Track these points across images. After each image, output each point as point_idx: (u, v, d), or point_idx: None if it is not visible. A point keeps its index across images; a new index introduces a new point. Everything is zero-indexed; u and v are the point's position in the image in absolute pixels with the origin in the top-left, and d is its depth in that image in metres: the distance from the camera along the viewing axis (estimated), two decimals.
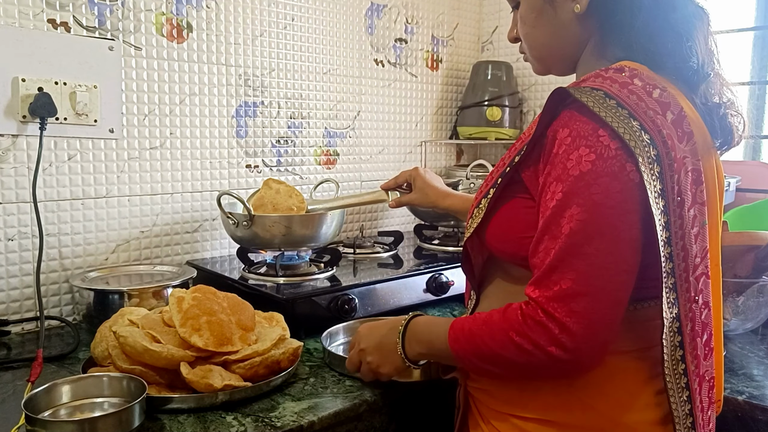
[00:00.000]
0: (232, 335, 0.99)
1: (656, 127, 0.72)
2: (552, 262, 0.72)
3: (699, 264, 0.77)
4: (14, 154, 1.26)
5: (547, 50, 0.90)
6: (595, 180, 0.70)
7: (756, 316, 1.27)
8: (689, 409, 0.78)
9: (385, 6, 1.89)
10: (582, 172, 0.71)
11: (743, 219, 1.52)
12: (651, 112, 0.73)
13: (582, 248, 0.70)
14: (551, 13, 0.86)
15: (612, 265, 0.71)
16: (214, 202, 1.47)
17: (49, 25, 1.27)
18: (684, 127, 0.76)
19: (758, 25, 1.82)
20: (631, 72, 0.77)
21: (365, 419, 1.01)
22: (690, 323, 0.76)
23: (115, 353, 0.96)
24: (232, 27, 1.56)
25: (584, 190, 0.70)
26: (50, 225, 1.31)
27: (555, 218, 0.72)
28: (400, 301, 1.38)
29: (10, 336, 1.25)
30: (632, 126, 0.71)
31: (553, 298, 0.71)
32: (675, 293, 0.74)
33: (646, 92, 0.75)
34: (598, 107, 0.72)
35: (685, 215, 0.74)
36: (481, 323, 0.79)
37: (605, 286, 0.71)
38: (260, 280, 1.36)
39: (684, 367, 0.77)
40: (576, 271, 0.70)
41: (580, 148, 0.71)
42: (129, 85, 1.40)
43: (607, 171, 0.70)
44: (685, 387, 0.77)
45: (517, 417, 0.83)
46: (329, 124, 1.80)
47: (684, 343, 0.76)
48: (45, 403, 0.88)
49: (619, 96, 0.73)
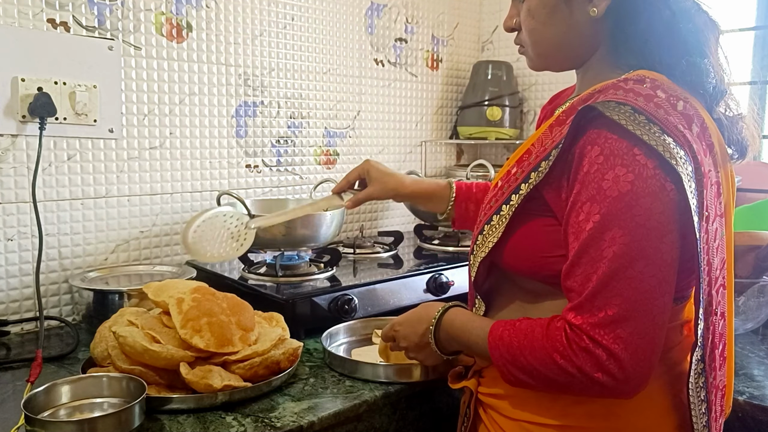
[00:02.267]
0: (232, 336, 0.98)
1: (687, 142, 0.70)
2: (595, 287, 0.70)
3: (718, 276, 0.76)
4: (14, 154, 1.25)
5: (555, 49, 0.86)
6: (636, 201, 0.68)
7: (756, 316, 1.27)
8: (706, 420, 0.78)
9: (385, 6, 1.89)
10: (621, 192, 0.69)
11: (743, 219, 1.52)
12: (681, 126, 0.71)
13: (626, 272, 0.68)
14: (566, 13, 0.83)
15: (656, 287, 0.69)
16: (214, 202, 1.46)
17: (48, 25, 1.27)
18: (707, 140, 0.75)
19: (758, 25, 1.82)
20: (653, 83, 0.75)
21: (365, 419, 1.00)
22: (710, 336, 0.76)
23: (114, 353, 0.96)
24: (231, 27, 1.55)
25: (626, 211, 0.68)
26: (50, 225, 1.31)
27: (594, 241, 0.70)
28: (400, 301, 1.38)
29: (10, 336, 1.25)
30: (667, 142, 0.69)
31: (599, 324, 0.69)
32: (703, 309, 0.74)
33: (671, 105, 0.73)
34: (630, 124, 0.69)
35: (710, 230, 0.73)
36: (522, 336, 0.76)
37: (650, 310, 0.69)
38: (260, 280, 1.35)
39: (704, 380, 0.76)
40: (621, 296, 0.68)
41: (616, 167, 0.69)
42: (129, 85, 1.40)
43: (647, 191, 0.68)
44: (704, 399, 0.77)
45: (533, 423, 0.82)
46: (329, 123, 1.79)
47: (705, 357, 0.76)
48: (44, 403, 0.88)
49: (647, 110, 0.70)
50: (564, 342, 0.72)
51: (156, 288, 1.05)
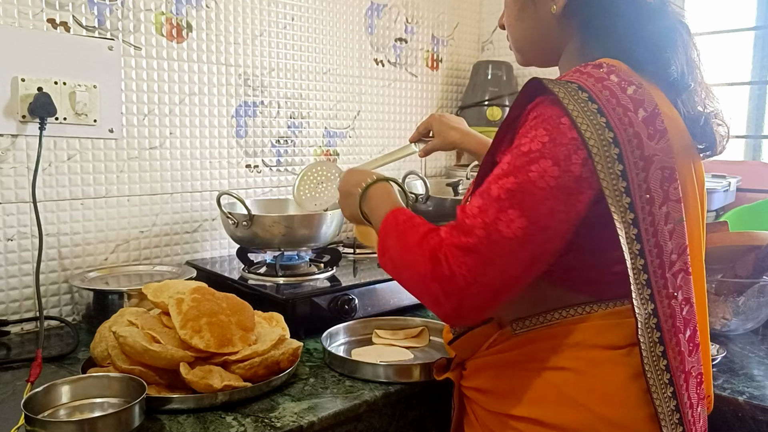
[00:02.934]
0: (232, 336, 0.98)
1: (623, 125, 0.73)
2: (469, 216, 0.74)
3: (676, 260, 0.78)
4: (14, 154, 1.25)
5: (528, 44, 0.92)
6: (538, 159, 0.72)
7: (756, 316, 1.27)
8: (675, 405, 0.79)
9: (385, 6, 1.89)
10: (531, 149, 0.73)
11: (743, 219, 1.52)
12: (621, 110, 0.74)
13: (500, 214, 0.72)
14: (532, 9, 0.88)
15: (519, 240, 0.72)
16: (213, 202, 1.46)
17: (48, 25, 1.27)
18: (657, 125, 0.76)
19: (758, 25, 1.82)
20: (609, 68, 0.79)
21: (365, 419, 1.00)
22: (670, 320, 0.78)
23: (114, 353, 0.96)
24: (231, 27, 1.55)
25: (525, 165, 0.73)
26: (50, 225, 1.31)
27: (491, 182, 0.75)
28: (400, 301, 1.38)
29: (10, 336, 1.25)
30: (598, 122, 0.72)
31: (457, 246, 0.73)
32: (650, 289, 0.76)
33: (621, 88, 0.76)
34: (568, 99, 0.74)
35: (656, 212, 0.75)
36: (411, 224, 0.82)
37: (505, 256, 0.72)
38: (260, 280, 1.35)
39: (666, 363, 0.78)
40: (486, 232, 0.72)
41: (539, 129, 0.74)
42: (129, 85, 1.40)
43: (552, 155, 0.72)
44: (668, 383, 0.78)
45: (509, 416, 0.84)
46: (329, 124, 1.79)
47: (664, 340, 0.77)
48: (44, 403, 0.88)
49: (593, 90, 0.74)
50: (432, 244, 0.76)
51: (155, 289, 1.05)
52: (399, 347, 1.19)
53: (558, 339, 0.82)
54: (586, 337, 0.81)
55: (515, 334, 0.85)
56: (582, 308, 0.82)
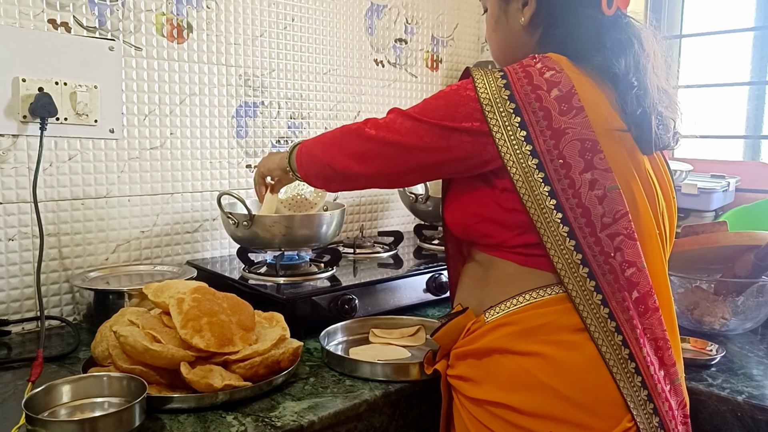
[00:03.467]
0: (233, 336, 0.99)
1: (528, 100, 0.84)
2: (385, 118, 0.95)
3: (611, 224, 0.82)
4: (15, 154, 1.26)
5: (502, 55, 1.02)
6: (428, 102, 0.91)
7: (755, 316, 1.27)
8: (634, 367, 0.82)
9: (385, 6, 1.89)
10: (437, 92, 0.91)
11: (743, 219, 1.52)
12: (530, 87, 0.84)
13: (396, 120, 0.93)
14: (504, 22, 0.99)
15: (397, 144, 0.91)
16: (214, 202, 1.47)
17: (49, 26, 1.27)
18: (572, 103, 0.84)
19: (758, 25, 1.82)
20: (540, 58, 0.88)
21: (365, 419, 1.01)
22: (610, 275, 0.82)
23: (115, 353, 0.96)
24: (232, 27, 1.56)
25: (424, 101, 0.92)
26: (50, 225, 1.31)
27: (393, 114, 0.95)
28: (400, 301, 1.38)
29: (11, 336, 1.25)
30: (502, 93, 0.85)
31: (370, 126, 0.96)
32: (581, 253, 0.82)
33: (539, 72, 0.86)
34: (482, 76, 0.87)
35: (576, 177, 0.82)
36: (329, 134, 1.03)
37: (383, 170, 0.94)
38: (260, 280, 1.36)
39: (615, 324, 0.82)
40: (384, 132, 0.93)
41: (448, 87, 0.90)
42: (129, 86, 1.40)
43: (447, 99, 0.88)
44: (622, 344, 0.82)
45: (487, 402, 0.88)
46: (329, 124, 1.80)
47: (608, 301, 0.82)
48: (45, 402, 0.88)
49: (509, 72, 0.86)
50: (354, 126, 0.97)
51: (156, 289, 1.05)
52: (396, 346, 1.20)
53: (525, 323, 0.86)
54: (551, 320, 0.85)
55: (487, 322, 0.90)
56: (544, 290, 0.86)
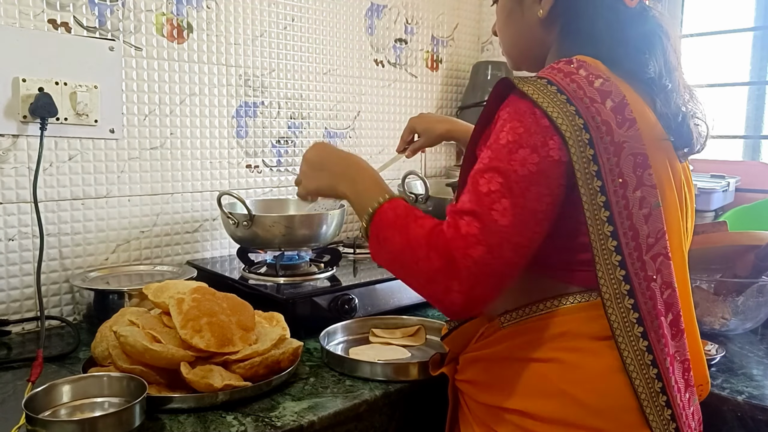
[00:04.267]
0: (232, 336, 0.99)
1: (591, 114, 0.77)
2: (466, 209, 0.76)
3: (654, 244, 0.80)
4: (15, 154, 1.26)
5: (515, 49, 0.97)
6: (516, 149, 0.76)
7: (755, 315, 1.27)
8: (661, 386, 0.80)
9: (385, 6, 1.89)
10: (508, 141, 0.77)
11: (743, 219, 1.52)
12: (588, 100, 0.78)
13: (493, 205, 0.75)
14: (519, 15, 0.93)
15: (514, 228, 0.75)
16: (214, 202, 1.47)
17: (49, 26, 1.27)
18: (625, 114, 0.79)
19: (758, 25, 1.82)
20: (579, 63, 0.82)
21: (365, 419, 1.01)
22: (650, 302, 0.79)
23: (115, 353, 0.96)
24: (232, 27, 1.56)
25: (506, 156, 0.76)
26: (50, 225, 1.31)
27: (477, 177, 0.78)
28: (400, 301, 1.38)
29: (11, 336, 1.26)
30: (568, 110, 0.76)
31: (458, 237, 0.75)
32: (625, 270, 0.78)
33: (588, 82, 0.79)
34: (537, 93, 0.78)
35: (630, 197, 0.78)
36: (413, 220, 0.82)
37: (503, 244, 0.74)
38: (260, 280, 1.36)
39: (647, 344, 0.79)
40: (482, 223, 0.75)
41: (514, 121, 0.78)
42: (129, 86, 1.40)
43: (529, 143, 0.76)
44: (651, 364, 0.79)
45: (499, 408, 0.86)
46: (329, 124, 1.80)
47: (643, 321, 0.79)
48: (45, 402, 0.88)
49: (561, 83, 0.78)
50: (440, 241, 0.77)
51: (156, 289, 1.05)
52: (396, 346, 1.20)
53: (544, 331, 0.84)
54: (571, 327, 0.83)
55: (503, 327, 0.88)
56: (566, 299, 0.84)
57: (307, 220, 1.37)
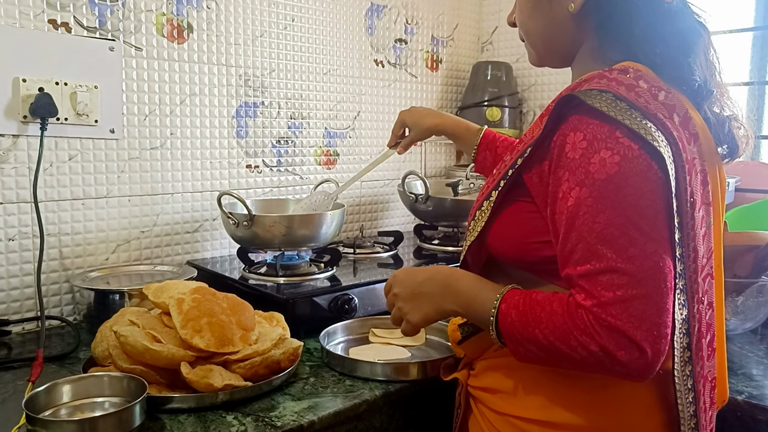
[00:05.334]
0: (233, 336, 0.99)
1: (667, 129, 0.71)
2: (597, 269, 0.69)
3: (705, 265, 0.76)
4: (15, 154, 1.26)
5: (540, 42, 0.90)
6: (625, 182, 0.69)
7: (755, 316, 1.27)
8: (694, 410, 0.78)
9: (385, 6, 1.90)
10: (609, 175, 0.69)
11: (743, 219, 1.52)
12: (660, 115, 0.72)
13: (627, 251, 0.68)
14: (546, 7, 0.86)
15: (656, 264, 0.69)
16: (214, 202, 1.47)
17: (49, 26, 1.27)
18: (690, 129, 0.76)
19: (758, 25, 1.82)
20: (636, 74, 0.76)
21: (365, 419, 1.01)
22: (697, 324, 0.76)
23: (115, 353, 0.96)
24: (232, 27, 1.56)
25: (616, 193, 0.69)
26: (51, 225, 1.31)
27: (587, 224, 0.70)
28: None
29: (11, 336, 1.26)
30: (648, 126, 0.70)
31: (610, 303, 0.68)
32: (685, 295, 0.73)
33: (652, 95, 0.74)
34: (611, 110, 0.71)
35: (696, 216, 0.74)
36: (540, 310, 0.74)
37: (657, 286, 0.68)
38: (260, 280, 1.36)
39: (691, 368, 0.76)
40: (627, 275, 0.68)
41: (601, 151, 0.70)
42: (129, 86, 1.40)
43: (635, 171, 0.69)
44: (691, 389, 0.77)
45: (517, 418, 0.83)
46: (329, 124, 1.80)
47: (692, 345, 0.76)
48: (45, 402, 0.88)
49: (628, 98, 0.72)
50: (585, 320, 0.70)
51: (156, 289, 1.05)
52: (396, 346, 1.20)
53: None
54: None
55: None
56: None
57: (307, 220, 1.37)
